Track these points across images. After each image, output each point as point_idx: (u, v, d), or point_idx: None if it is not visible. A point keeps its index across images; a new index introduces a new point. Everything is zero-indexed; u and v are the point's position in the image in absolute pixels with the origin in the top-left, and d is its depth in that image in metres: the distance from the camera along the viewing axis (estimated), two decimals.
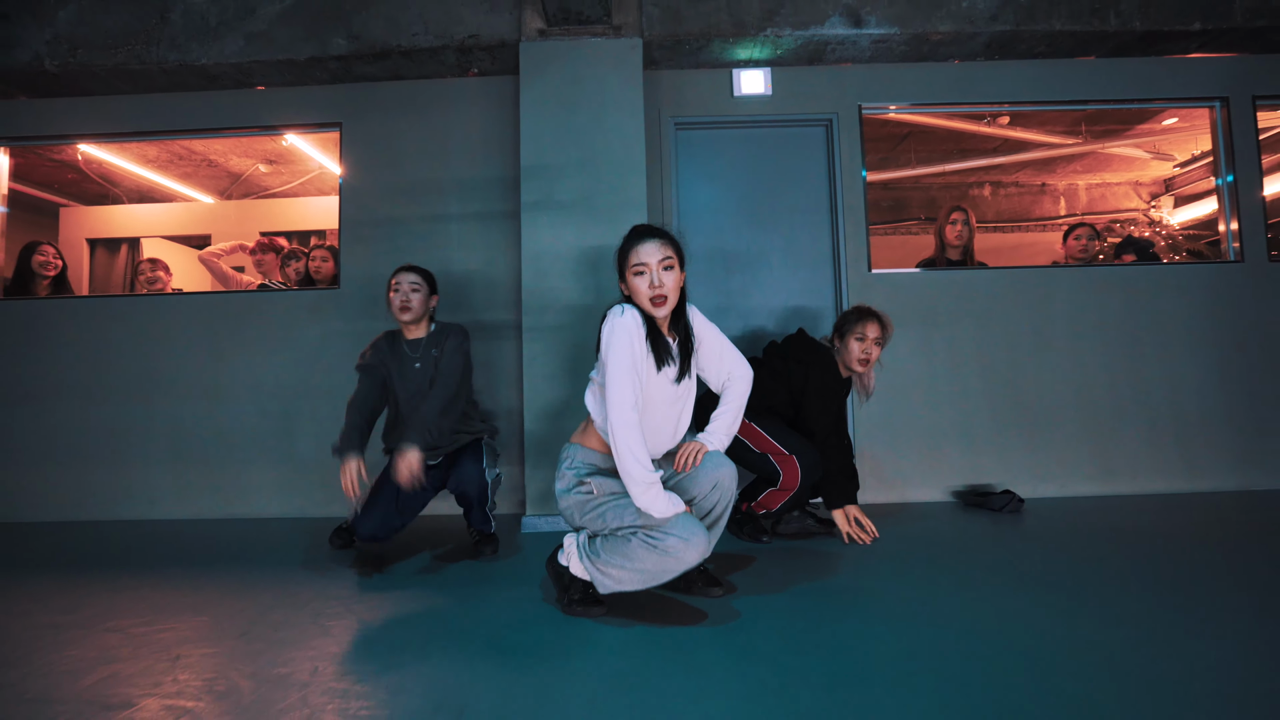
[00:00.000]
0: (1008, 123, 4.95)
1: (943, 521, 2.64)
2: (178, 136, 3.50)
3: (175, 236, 5.00)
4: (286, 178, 5.32)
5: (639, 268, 1.61)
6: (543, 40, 2.89)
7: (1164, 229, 6.01)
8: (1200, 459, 3.06)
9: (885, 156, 5.79)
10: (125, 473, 3.10)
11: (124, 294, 3.92)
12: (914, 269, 3.23)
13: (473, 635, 1.52)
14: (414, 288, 2.28)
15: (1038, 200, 6.71)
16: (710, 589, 1.75)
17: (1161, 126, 4.97)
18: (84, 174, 5.00)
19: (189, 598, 1.85)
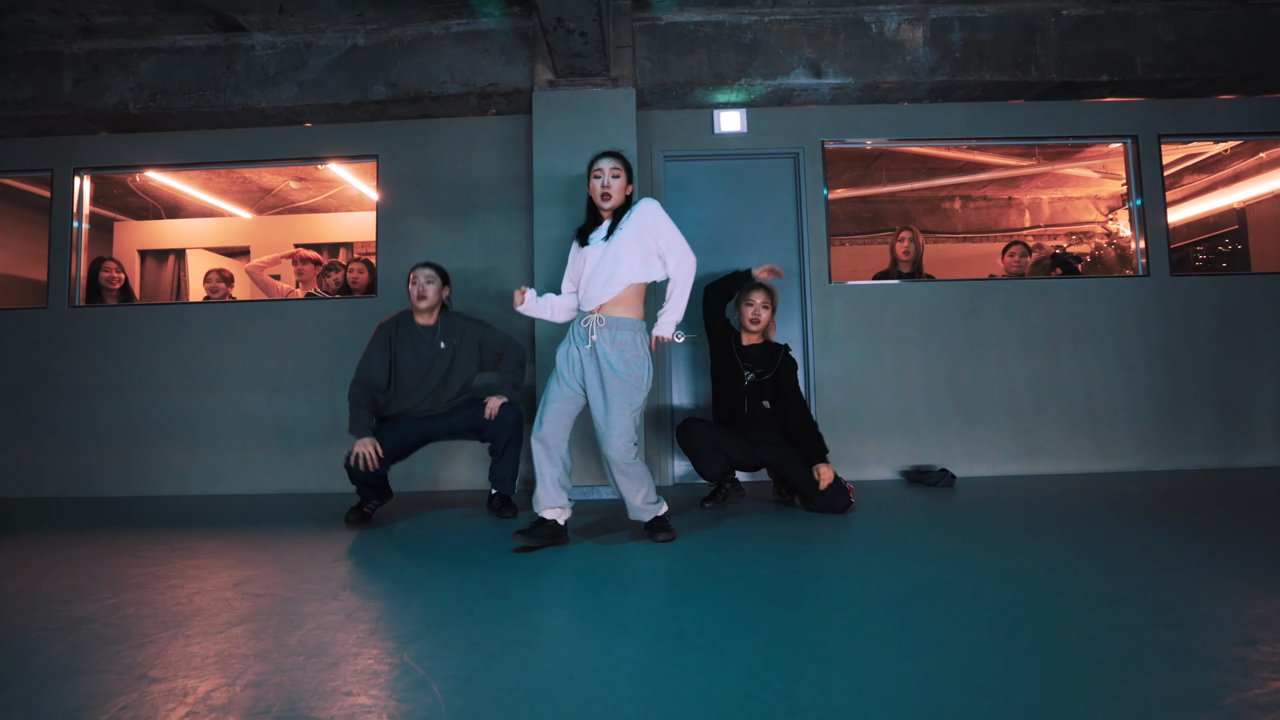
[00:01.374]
0: (966, 148, 5.50)
1: (888, 492, 3.17)
2: (235, 166, 4.03)
3: (217, 248, 5.54)
4: (313, 192, 5.86)
5: (596, 171, 2.28)
6: (552, 89, 3.43)
7: (1119, 240, 6.55)
8: (1110, 443, 3.60)
9: (861, 174, 6.33)
10: (196, 454, 3.63)
11: (193, 301, 4.45)
12: (867, 281, 3.77)
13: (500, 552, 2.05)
14: (429, 280, 2.77)
15: (1005, 213, 7.25)
16: (657, 533, 2.26)
17: (1107, 150, 5.51)
18: (128, 189, 5.55)
19: (278, 544, 2.38)
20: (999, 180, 6.36)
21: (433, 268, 2.82)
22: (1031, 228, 7.10)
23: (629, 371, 2.18)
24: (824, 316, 3.65)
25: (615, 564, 1.99)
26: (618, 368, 2.18)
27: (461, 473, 3.61)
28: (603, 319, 2.23)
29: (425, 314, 2.80)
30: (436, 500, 3.28)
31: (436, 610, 1.58)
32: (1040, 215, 7.19)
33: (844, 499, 2.66)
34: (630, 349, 2.20)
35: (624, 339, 2.21)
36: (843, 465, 3.54)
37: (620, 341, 2.21)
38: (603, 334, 2.21)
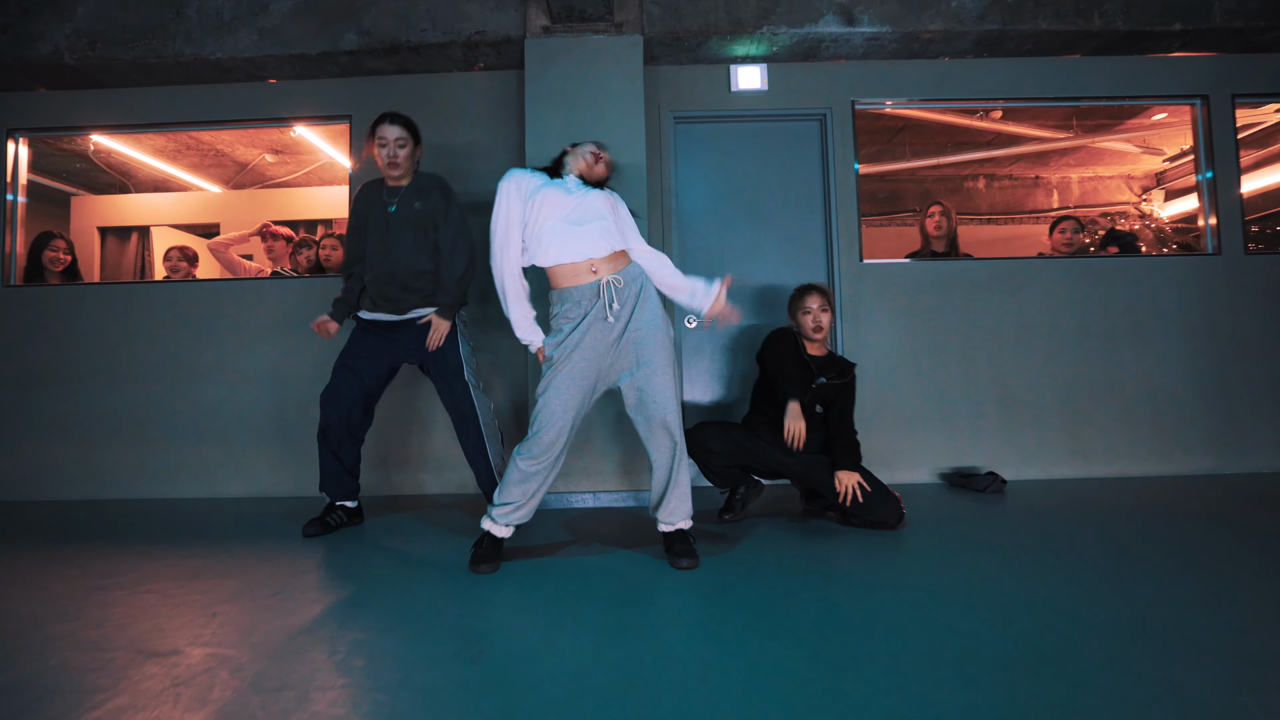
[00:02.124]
0: (1000, 116, 5.05)
1: (931, 500, 2.78)
2: (190, 128, 3.60)
3: (184, 225, 5.10)
4: (292, 167, 5.41)
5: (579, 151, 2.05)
6: (547, 37, 2.99)
7: (1154, 222, 6.13)
8: (1173, 443, 3.20)
9: (881, 149, 5.89)
10: (148, 452, 3.23)
11: (146, 281, 4.03)
12: (903, 259, 3.35)
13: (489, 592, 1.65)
14: (400, 143, 2.32)
15: (1031, 193, 6.81)
16: (680, 559, 1.87)
17: (1151, 121, 5.08)
18: (93, 163, 5.10)
19: (218, 566, 1.99)
20: (1028, 156, 5.92)
21: (401, 123, 2.33)
22: (1060, 209, 6.66)
23: (667, 328, 1.96)
24: (853, 299, 3.24)
25: (626, 603, 1.59)
26: (655, 322, 1.93)
27: (449, 476, 3.21)
28: (620, 279, 1.90)
29: (398, 181, 2.43)
30: (414, 505, 2.88)
31: (384, 679, 1.19)
32: (1069, 195, 6.75)
33: (895, 511, 2.27)
34: (655, 300, 1.97)
35: (647, 289, 1.96)
36: (874, 466, 3.14)
37: (647, 294, 1.95)
38: (623, 295, 1.89)
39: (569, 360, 1.87)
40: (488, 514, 1.94)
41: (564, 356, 1.88)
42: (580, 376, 1.87)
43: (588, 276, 1.90)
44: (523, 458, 1.88)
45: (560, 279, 1.94)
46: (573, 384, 1.87)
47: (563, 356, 1.88)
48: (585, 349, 1.88)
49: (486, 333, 3.13)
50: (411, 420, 3.22)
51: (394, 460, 3.19)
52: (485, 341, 3.13)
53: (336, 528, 2.44)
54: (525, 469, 1.88)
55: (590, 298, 1.89)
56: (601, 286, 1.89)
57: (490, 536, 1.94)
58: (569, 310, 1.91)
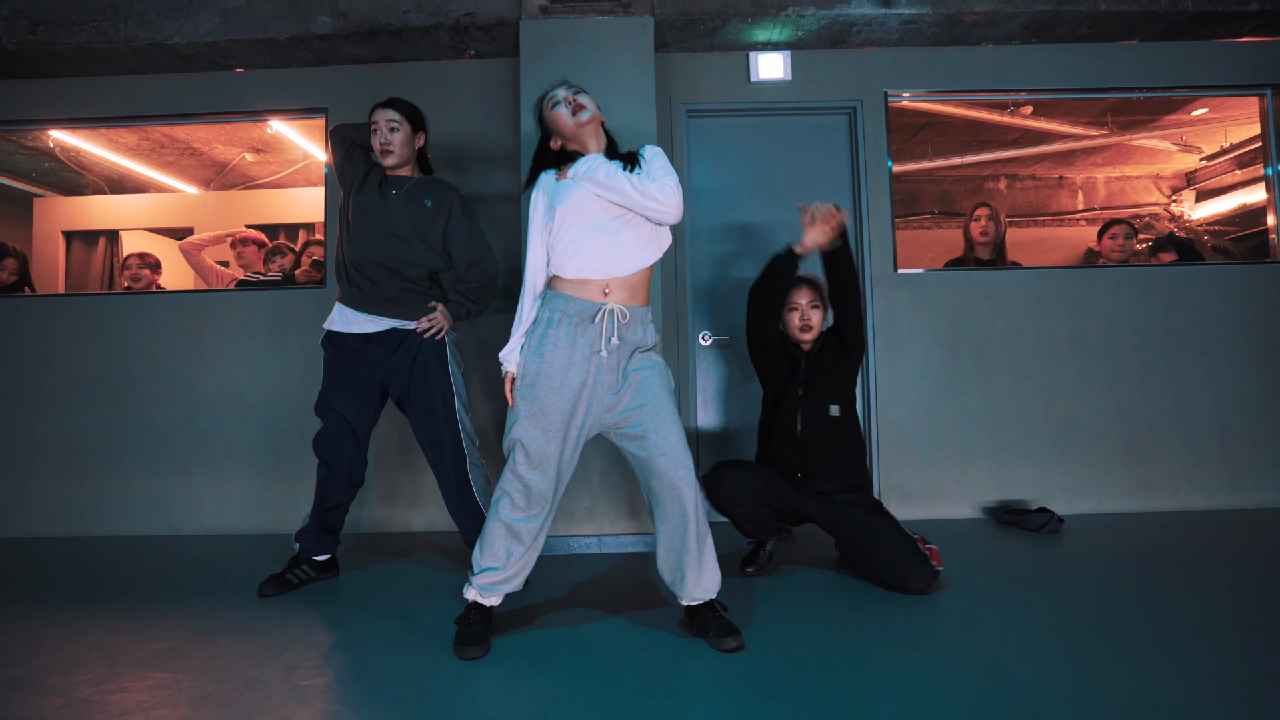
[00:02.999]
0: (1030, 112, 4.73)
1: (977, 541, 2.45)
2: (152, 122, 3.26)
3: (157, 229, 4.75)
4: (275, 167, 5.07)
5: (553, 100, 1.69)
6: (545, 18, 2.66)
7: (1187, 224, 5.81)
8: (1245, 473, 2.87)
9: (901, 148, 5.55)
10: (96, 485, 2.88)
11: (97, 292, 3.69)
12: (942, 269, 3.02)
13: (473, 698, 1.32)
14: (392, 125, 2.05)
15: (1055, 194, 6.49)
16: (723, 638, 1.53)
17: (1190, 117, 4.75)
18: (62, 163, 4.76)
19: (155, 641, 1.64)
20: (1056, 154, 5.60)
21: (396, 107, 2.07)
22: (1085, 210, 6.34)
23: (663, 369, 1.63)
24: (888, 313, 2.90)
25: (644, 696, 1.25)
26: (657, 369, 1.60)
27: (428, 512, 2.87)
28: (625, 312, 1.55)
29: (396, 171, 2.12)
30: (396, 546, 2.54)
31: None
32: (1095, 196, 6.42)
33: (925, 572, 1.89)
34: (655, 349, 1.65)
35: (648, 340, 1.63)
36: (913, 500, 2.82)
37: (643, 344, 1.61)
38: (626, 332, 1.56)
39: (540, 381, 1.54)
40: (470, 581, 1.60)
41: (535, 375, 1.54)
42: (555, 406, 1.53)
43: (595, 295, 1.57)
44: (505, 509, 1.55)
45: (563, 283, 1.60)
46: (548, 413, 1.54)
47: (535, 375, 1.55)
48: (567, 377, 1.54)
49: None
50: (390, 449, 2.87)
51: (377, 495, 2.85)
52: (472, 346, 2.79)
53: (300, 584, 2.09)
54: (511, 523, 1.55)
55: (585, 317, 1.55)
56: (602, 313, 1.55)
57: (478, 608, 1.60)
58: (555, 321, 1.56)
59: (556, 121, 1.68)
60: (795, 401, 2.07)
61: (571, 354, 1.53)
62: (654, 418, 1.54)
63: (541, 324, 1.57)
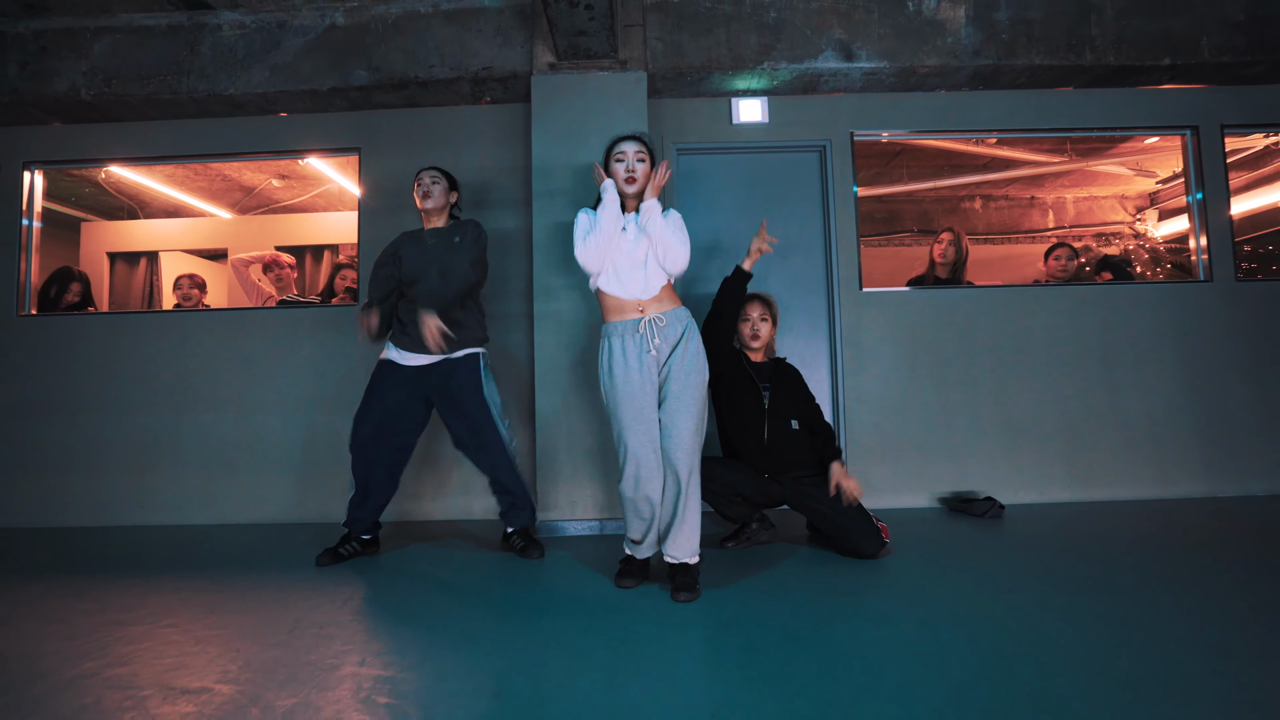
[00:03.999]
0: (995, 143, 5.16)
1: (928, 525, 2.82)
2: (204, 160, 3.67)
3: (193, 250, 5.16)
4: (298, 191, 5.49)
5: (619, 155, 2.13)
6: (553, 73, 3.07)
7: (1148, 241, 6.22)
8: (1170, 467, 3.25)
9: (879, 171, 5.99)
10: (156, 480, 3.26)
11: (158, 310, 4.09)
12: (903, 287, 3.41)
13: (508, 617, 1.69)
14: (434, 180, 2.57)
15: (1027, 213, 6.91)
16: (679, 591, 1.91)
17: (1143, 145, 5.17)
18: (102, 188, 5.18)
19: (234, 599, 2.02)
20: (1024, 179, 6.02)
21: (437, 169, 2.62)
22: (1056, 228, 6.76)
23: (700, 361, 2.04)
24: (854, 327, 3.30)
25: (633, 639, 1.63)
26: (689, 359, 2.03)
27: (455, 501, 3.25)
28: (662, 318, 2.04)
29: (433, 217, 2.59)
30: (427, 533, 2.92)
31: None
32: (1065, 215, 6.85)
33: (875, 542, 2.30)
34: (697, 343, 2.07)
35: (691, 331, 2.07)
36: (875, 492, 3.19)
37: (681, 334, 2.06)
38: (665, 334, 2.04)
39: (619, 393, 2.02)
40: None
41: (614, 391, 2.03)
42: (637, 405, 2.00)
43: (634, 314, 2.05)
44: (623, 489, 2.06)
45: (608, 311, 2.11)
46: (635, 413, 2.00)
47: (613, 391, 2.03)
48: (630, 381, 2.01)
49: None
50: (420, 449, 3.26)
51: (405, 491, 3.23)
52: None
53: (349, 558, 2.48)
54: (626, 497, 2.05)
55: (632, 332, 2.04)
56: (644, 324, 2.03)
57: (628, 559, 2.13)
58: (613, 344, 2.05)
59: (614, 172, 2.14)
60: (762, 415, 2.46)
61: (626, 369, 2.02)
62: (674, 410, 1.99)
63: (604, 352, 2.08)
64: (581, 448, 2.91)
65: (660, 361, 2.02)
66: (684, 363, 2.01)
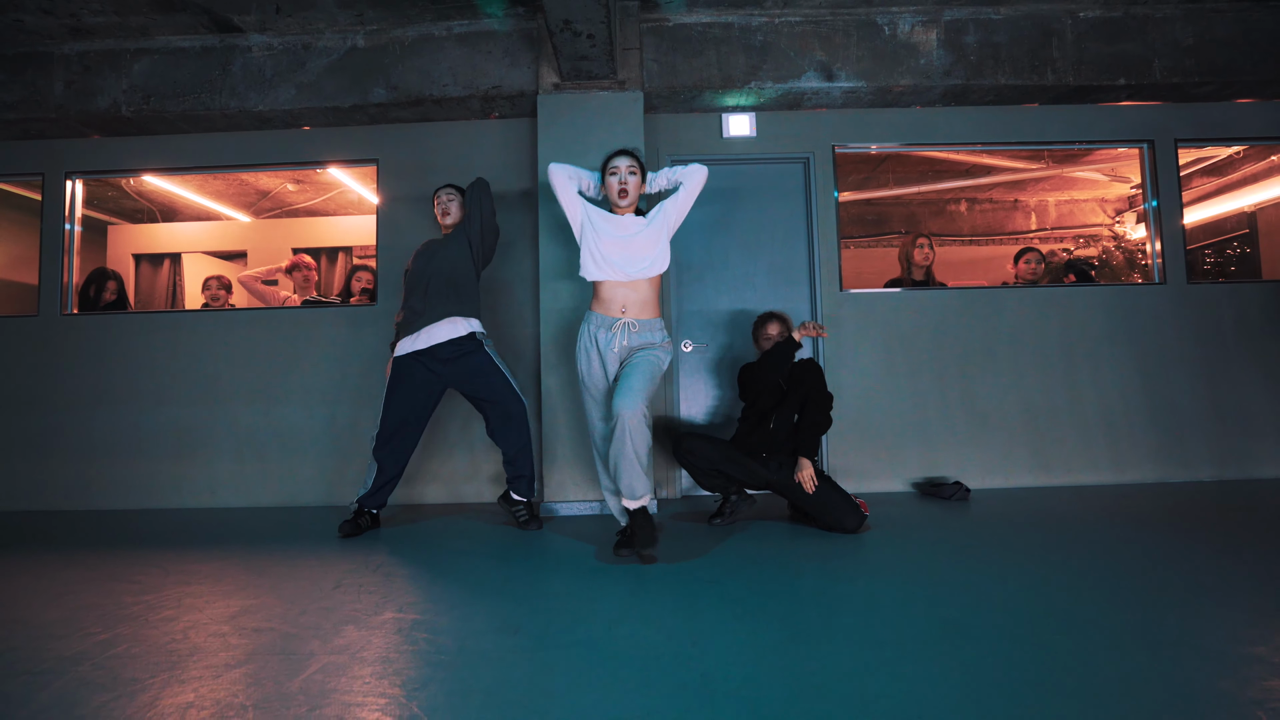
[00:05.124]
0: (975, 151, 5.42)
1: (901, 506, 3.10)
2: (232, 170, 3.94)
3: (213, 252, 5.44)
4: (311, 194, 5.76)
5: (613, 169, 2.39)
6: (557, 93, 3.34)
7: (1126, 243, 6.49)
8: (1125, 455, 3.53)
9: (868, 176, 6.25)
10: (191, 466, 3.54)
11: (191, 310, 4.36)
12: (881, 289, 3.69)
13: (516, 580, 1.97)
14: (450, 197, 2.92)
15: (1011, 215, 7.18)
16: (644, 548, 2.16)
17: (1117, 153, 5.44)
18: (123, 191, 5.44)
19: (280, 565, 2.30)
20: (1006, 183, 6.30)
21: (453, 187, 2.96)
22: (1038, 230, 7.03)
23: (658, 350, 2.34)
24: (835, 325, 3.57)
25: (626, 593, 1.91)
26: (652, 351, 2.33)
27: (465, 484, 3.53)
28: (635, 324, 2.33)
29: (449, 229, 2.94)
30: (438, 512, 3.20)
31: (444, 650, 1.50)
32: (1046, 218, 7.12)
33: (856, 517, 2.58)
34: (663, 349, 2.37)
35: (655, 340, 2.36)
36: (854, 477, 3.47)
37: (651, 343, 2.36)
38: (634, 339, 2.34)
39: (583, 378, 2.42)
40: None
41: (581, 375, 2.43)
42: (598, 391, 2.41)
43: (616, 312, 2.35)
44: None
45: (595, 301, 2.41)
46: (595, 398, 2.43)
47: (581, 376, 2.43)
48: (593, 372, 2.37)
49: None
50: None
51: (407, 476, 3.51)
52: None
53: (366, 530, 2.78)
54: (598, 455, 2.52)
55: (607, 327, 2.34)
56: (619, 325, 2.33)
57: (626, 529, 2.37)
58: (591, 330, 2.37)
59: (608, 184, 2.41)
60: (774, 409, 2.77)
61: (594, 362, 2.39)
62: (627, 372, 2.27)
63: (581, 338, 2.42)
64: (585, 432, 3.18)
65: (624, 356, 2.35)
66: (644, 353, 2.31)
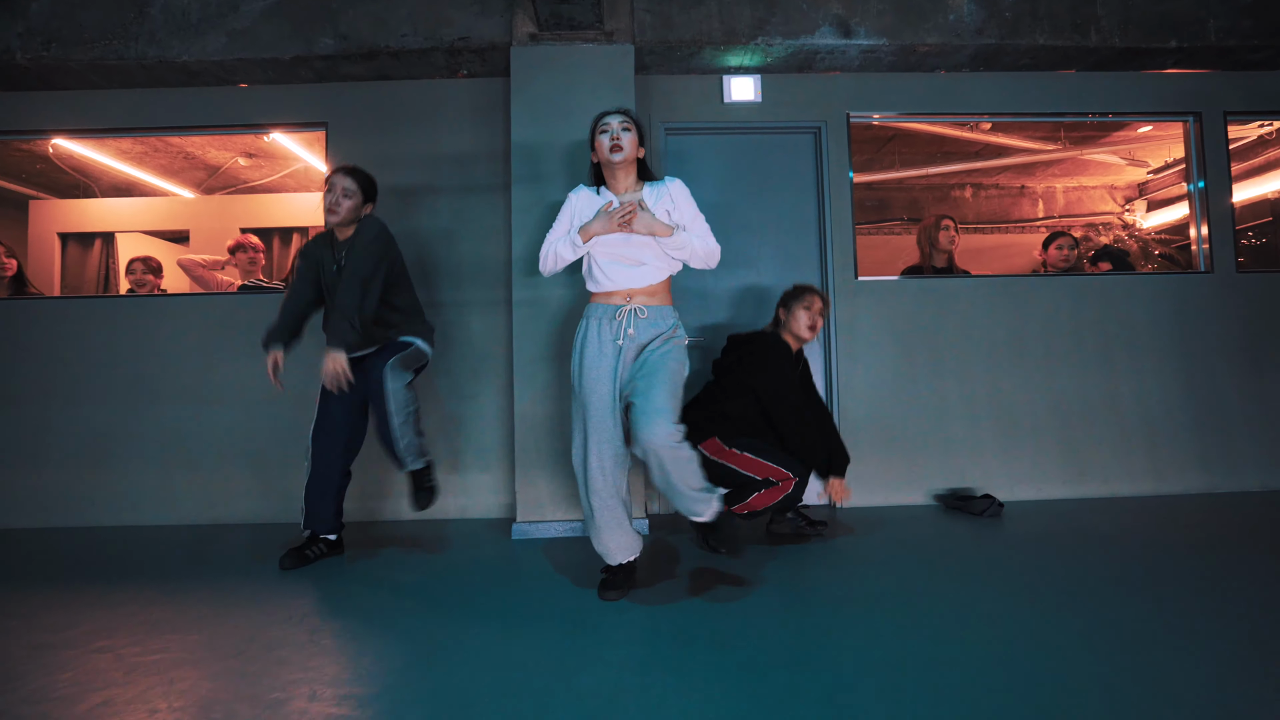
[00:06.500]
0: (989, 128, 5.04)
1: (926, 525, 2.71)
2: (158, 133, 3.43)
3: (153, 231, 4.88)
4: (267, 171, 5.21)
5: (603, 127, 1.96)
6: (534, 45, 2.87)
7: (1137, 232, 6.18)
8: (1167, 462, 3.18)
9: (870, 158, 5.85)
10: (107, 477, 3.05)
11: (109, 295, 3.85)
12: (898, 276, 3.29)
13: (474, 659, 1.54)
14: (346, 194, 2.30)
15: (1017, 202, 6.83)
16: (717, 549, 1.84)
17: (1136, 134, 5.09)
18: (54, 165, 4.86)
19: (181, 614, 1.84)
20: (1015, 167, 5.93)
21: (354, 177, 2.34)
22: (1045, 218, 6.70)
23: (680, 354, 1.92)
24: (849, 317, 3.17)
25: (624, 663, 1.49)
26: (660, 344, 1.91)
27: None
28: (643, 310, 1.91)
29: (341, 229, 2.36)
30: (398, 534, 2.75)
31: None
32: (1054, 205, 6.78)
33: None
34: (675, 337, 1.94)
35: (666, 329, 1.94)
36: (869, 488, 3.08)
37: (662, 332, 1.93)
38: (641, 327, 1.91)
39: (582, 376, 1.90)
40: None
41: (579, 375, 1.92)
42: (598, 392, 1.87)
43: (620, 300, 1.93)
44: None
45: (594, 295, 2.00)
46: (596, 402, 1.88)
47: (579, 375, 1.92)
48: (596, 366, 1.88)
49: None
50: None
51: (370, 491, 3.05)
52: (463, 348, 3.01)
53: (315, 559, 2.32)
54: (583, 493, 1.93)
55: (610, 317, 1.91)
56: (623, 311, 1.90)
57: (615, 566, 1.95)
58: (590, 325, 1.94)
59: (598, 145, 1.98)
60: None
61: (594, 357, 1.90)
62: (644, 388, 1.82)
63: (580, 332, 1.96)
64: (565, 445, 2.75)
65: (632, 354, 1.90)
66: (661, 351, 1.88)
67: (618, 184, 2.00)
